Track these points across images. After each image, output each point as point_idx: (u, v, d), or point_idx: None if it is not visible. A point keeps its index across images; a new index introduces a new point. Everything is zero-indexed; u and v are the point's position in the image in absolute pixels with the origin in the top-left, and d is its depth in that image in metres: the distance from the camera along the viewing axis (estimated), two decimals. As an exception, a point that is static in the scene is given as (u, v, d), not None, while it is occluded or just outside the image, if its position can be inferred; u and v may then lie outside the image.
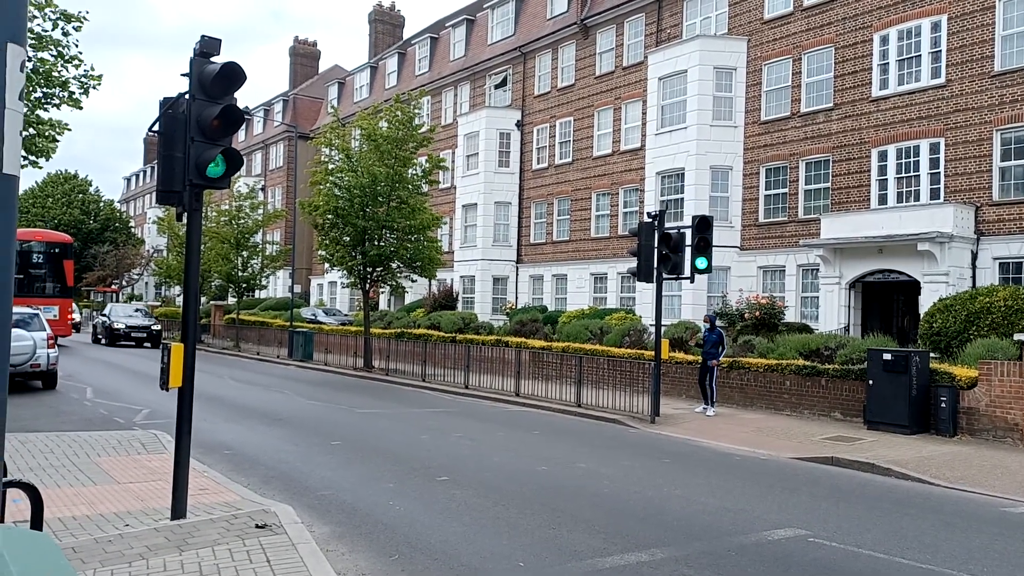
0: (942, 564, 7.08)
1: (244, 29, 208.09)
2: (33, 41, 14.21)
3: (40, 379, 18.44)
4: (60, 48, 14.92)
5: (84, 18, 15.10)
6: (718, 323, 19.56)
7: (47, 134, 15.31)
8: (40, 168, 16.16)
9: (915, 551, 7.47)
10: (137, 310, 42.20)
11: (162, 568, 6.05)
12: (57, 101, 15.10)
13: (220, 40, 7.30)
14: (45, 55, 14.72)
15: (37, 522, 3.20)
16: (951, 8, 21.13)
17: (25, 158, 15.29)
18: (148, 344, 36.58)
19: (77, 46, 15.23)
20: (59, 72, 14.94)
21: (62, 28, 14.90)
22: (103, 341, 37.55)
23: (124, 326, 37.16)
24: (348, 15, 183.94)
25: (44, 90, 14.85)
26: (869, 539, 7.82)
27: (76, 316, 43.03)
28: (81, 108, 15.40)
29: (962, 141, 20.77)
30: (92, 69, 15.45)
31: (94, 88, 15.42)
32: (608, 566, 6.77)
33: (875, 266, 21.66)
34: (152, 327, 37.75)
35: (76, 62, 15.18)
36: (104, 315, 40.18)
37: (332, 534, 7.51)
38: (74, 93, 15.14)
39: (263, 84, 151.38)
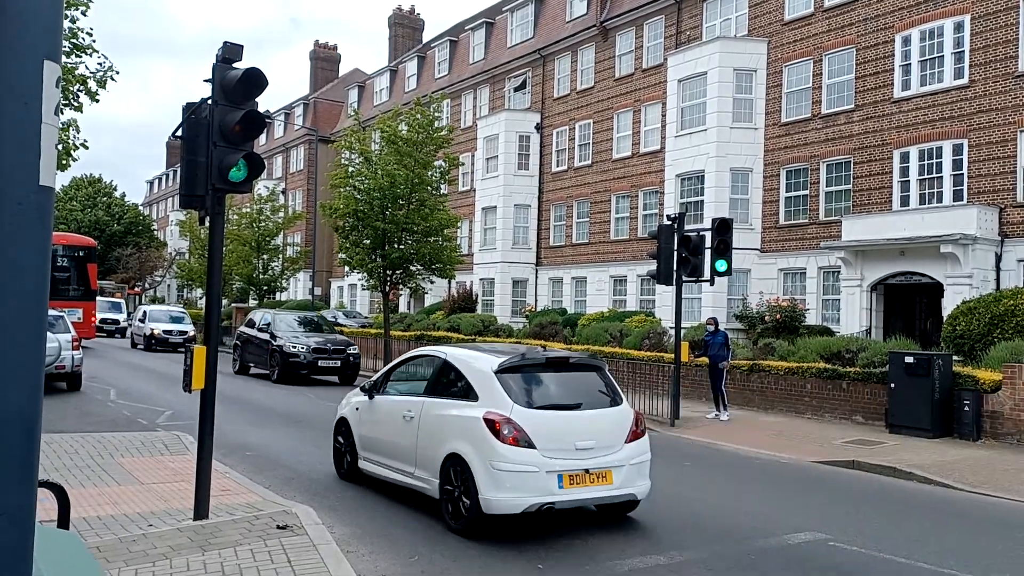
0: (964, 569, 7.02)
1: (263, 35, 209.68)
2: None
3: (65, 381, 18.66)
4: (73, 40, 13.85)
5: (89, 2, 13.84)
6: (734, 326, 19.40)
7: (67, 141, 14.64)
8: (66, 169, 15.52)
9: (937, 556, 7.41)
10: (174, 318, 37.65)
11: (185, 568, 6.12)
12: (76, 101, 14.31)
13: (242, 46, 7.38)
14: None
15: (64, 522, 3.26)
16: (974, 8, 20.93)
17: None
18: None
19: (90, 34, 14.16)
20: (74, 66, 13.74)
21: (70, 16, 13.84)
22: (140, 347, 35.61)
23: (161, 331, 34.58)
24: (367, 21, 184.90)
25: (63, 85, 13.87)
26: (890, 543, 7.77)
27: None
28: (98, 101, 14.37)
29: (986, 142, 20.56)
30: (107, 59, 14.38)
31: (111, 79, 14.38)
32: (627, 568, 6.77)
33: (897, 268, 21.47)
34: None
35: (90, 51, 14.12)
36: (140, 320, 37.50)
37: (352, 535, 7.56)
38: (92, 89, 14.06)
39: (283, 89, 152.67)
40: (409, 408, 8.80)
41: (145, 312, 38.16)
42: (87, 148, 14.08)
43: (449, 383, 8.59)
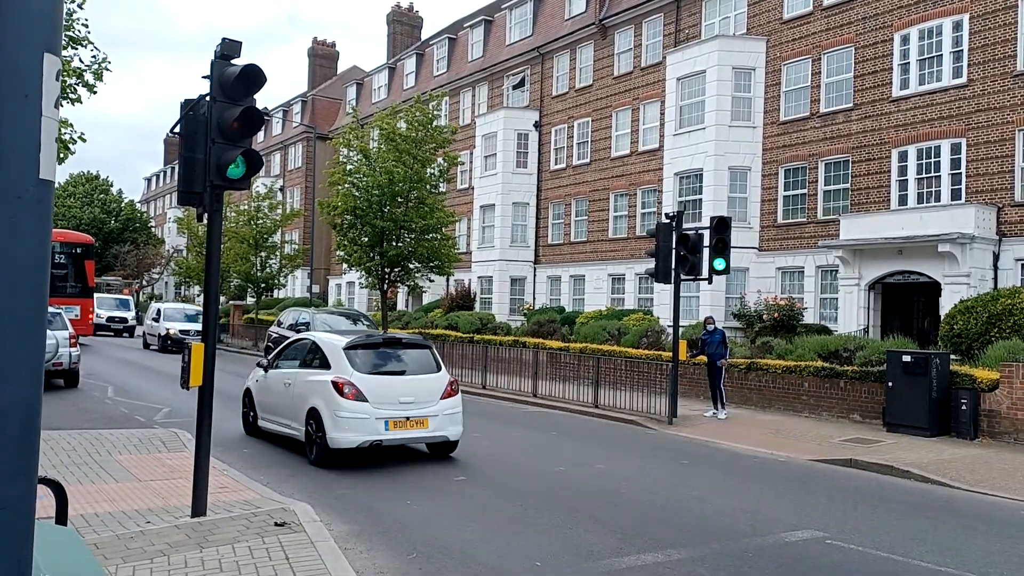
0: (961, 568, 7.03)
1: (260, 33, 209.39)
2: None
3: (62, 377, 18.66)
4: (68, 33, 13.60)
5: None
6: (732, 324, 19.39)
7: (64, 137, 14.55)
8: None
9: (934, 554, 7.42)
10: (191, 317, 34.42)
11: (183, 565, 6.12)
12: (74, 94, 14.18)
13: (240, 43, 7.37)
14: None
15: (62, 518, 3.26)
16: (973, 7, 20.93)
17: None
18: None
19: (86, 26, 13.93)
20: (70, 59, 13.59)
21: (67, 8, 13.53)
22: (154, 347, 33.86)
23: (178, 331, 32.39)
24: (364, 18, 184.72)
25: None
26: (887, 542, 7.78)
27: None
28: (96, 92, 14.21)
29: (984, 141, 20.58)
30: (100, 51, 14.14)
31: (107, 70, 14.20)
32: (624, 566, 6.78)
33: (895, 267, 21.49)
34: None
35: (86, 43, 13.86)
36: (154, 319, 35.26)
37: (350, 532, 7.56)
38: (88, 80, 13.86)
39: (279, 88, 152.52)
40: (289, 378, 11.75)
41: (159, 311, 35.58)
42: (84, 141, 14.06)
43: (314, 358, 11.52)
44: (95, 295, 38.68)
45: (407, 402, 10.62)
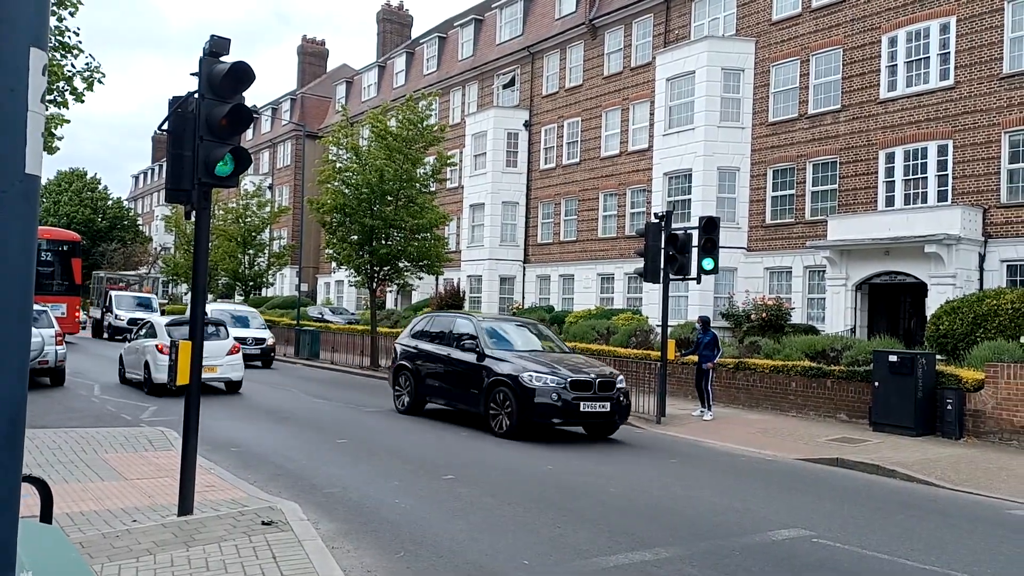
0: (947, 566, 7.08)
1: (249, 31, 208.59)
2: None
3: (48, 376, 18.53)
4: (60, 38, 13.70)
5: (79, 2, 13.72)
6: (720, 324, 19.41)
7: (51, 131, 14.55)
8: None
9: (920, 553, 7.47)
10: (239, 319, 27.23)
11: (169, 563, 6.09)
12: (61, 98, 14.20)
13: (229, 40, 7.34)
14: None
15: (47, 516, 3.23)
16: (960, 10, 21.07)
17: None
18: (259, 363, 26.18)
19: (77, 34, 14.00)
20: (60, 63, 13.68)
21: (57, 15, 13.63)
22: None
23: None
24: (353, 17, 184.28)
25: (47, 84, 13.44)
26: (874, 540, 7.82)
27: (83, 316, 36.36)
28: (83, 102, 14.38)
29: (970, 143, 20.72)
30: (94, 59, 14.22)
31: (99, 82, 14.28)
32: (612, 564, 6.79)
33: (882, 268, 21.61)
34: (266, 340, 26.98)
35: (76, 51, 13.96)
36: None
37: (338, 531, 7.54)
38: (78, 88, 13.98)
39: (268, 86, 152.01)
40: (138, 346, 19.03)
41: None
42: (67, 121, 14.16)
43: (151, 333, 18.76)
44: (112, 293, 37.59)
45: (204, 355, 13.05)
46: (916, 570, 6.96)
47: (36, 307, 19.57)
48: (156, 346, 17.36)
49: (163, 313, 43.40)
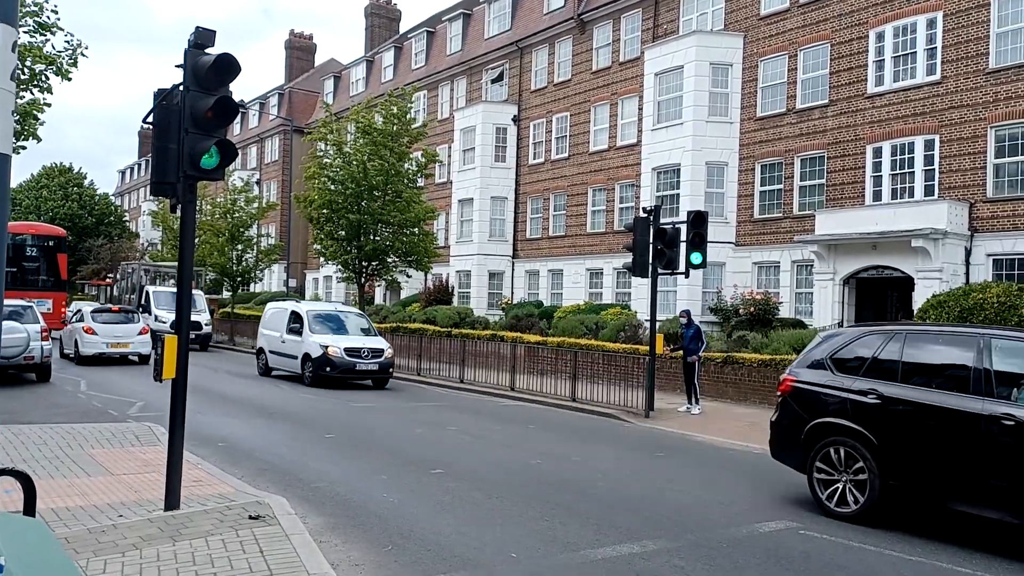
0: (932, 558, 7.13)
1: (235, 27, 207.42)
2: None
3: (34, 371, 18.42)
4: (36, 19, 13.48)
5: None
6: (708, 318, 19.46)
7: (32, 113, 14.26)
8: (24, 149, 15.03)
9: (903, 544, 7.52)
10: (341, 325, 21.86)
11: (155, 558, 6.06)
12: (45, 83, 13.87)
13: (214, 31, 7.28)
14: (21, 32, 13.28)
15: (30, 510, 3.21)
16: (947, 5, 21.16)
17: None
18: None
19: (55, 12, 13.70)
20: (39, 45, 13.50)
21: None
22: (307, 379, 21.33)
23: (342, 351, 20.02)
24: (340, 12, 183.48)
25: (28, 66, 13.18)
26: (859, 532, 7.87)
27: (69, 312, 32.79)
28: (70, 79, 13.91)
29: (957, 138, 20.82)
30: (74, 36, 13.98)
31: (82, 55, 13.89)
32: (600, 557, 6.80)
33: (869, 262, 21.71)
34: (384, 352, 20.87)
35: (55, 29, 13.68)
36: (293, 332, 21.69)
37: (326, 525, 7.53)
38: (62, 65, 13.66)
39: (255, 82, 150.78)
40: (71, 328, 25.08)
41: (300, 317, 21.66)
42: (48, 105, 13.95)
43: (79, 318, 24.65)
44: (149, 290, 32.96)
45: (118, 335, 23.96)
46: (901, 560, 7.01)
47: (22, 303, 19.49)
48: (83, 328, 24.04)
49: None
